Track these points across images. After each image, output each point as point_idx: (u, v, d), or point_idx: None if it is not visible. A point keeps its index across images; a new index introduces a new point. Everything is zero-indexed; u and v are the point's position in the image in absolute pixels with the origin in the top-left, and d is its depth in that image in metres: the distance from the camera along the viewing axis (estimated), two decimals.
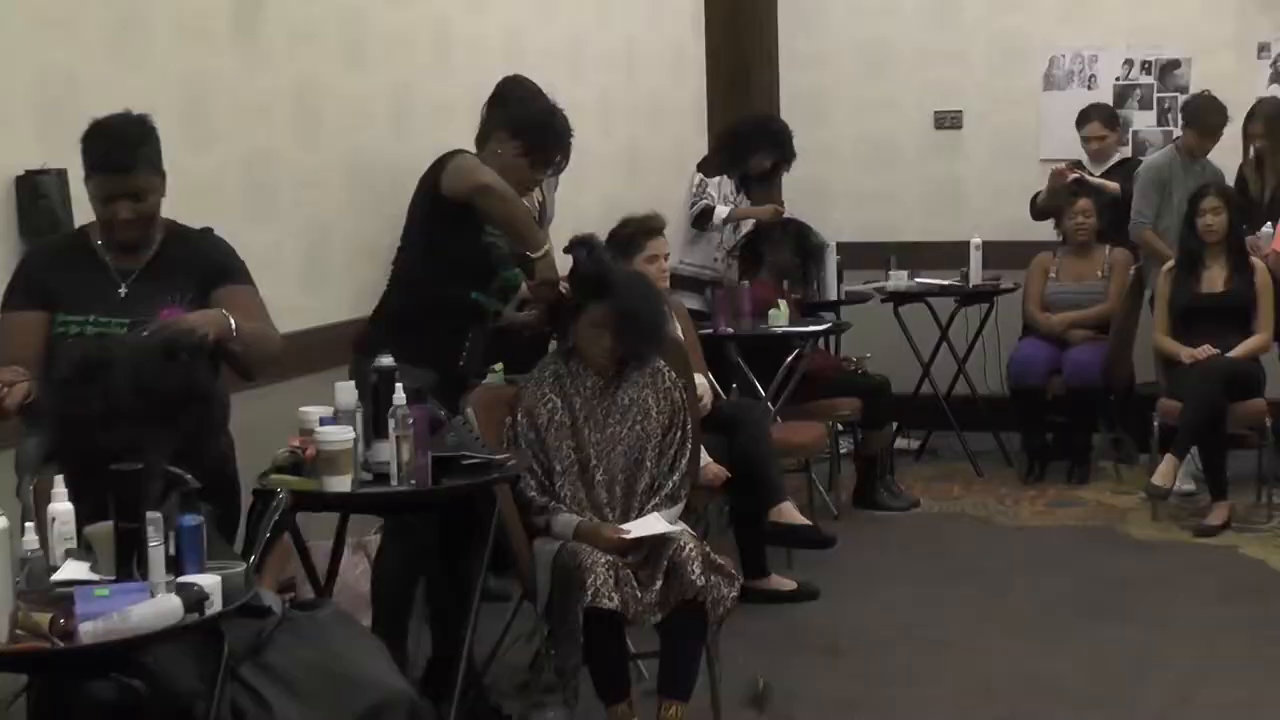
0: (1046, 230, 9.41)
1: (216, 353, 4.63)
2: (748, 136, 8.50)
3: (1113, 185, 9.16)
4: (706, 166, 8.39)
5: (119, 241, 4.69)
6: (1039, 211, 9.42)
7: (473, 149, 6.19)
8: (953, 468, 9.38)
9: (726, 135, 8.51)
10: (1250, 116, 8.92)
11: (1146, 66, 10.00)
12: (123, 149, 4.63)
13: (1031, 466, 9.15)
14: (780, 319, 7.98)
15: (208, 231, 4.85)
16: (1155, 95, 10.01)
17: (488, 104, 6.29)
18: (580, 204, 7.09)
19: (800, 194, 8.99)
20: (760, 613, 6.53)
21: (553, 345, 5.94)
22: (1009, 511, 8.60)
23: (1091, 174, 9.29)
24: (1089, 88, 9.99)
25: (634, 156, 8.34)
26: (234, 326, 4.51)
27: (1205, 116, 8.95)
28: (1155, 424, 8.41)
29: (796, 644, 6.50)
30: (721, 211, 8.23)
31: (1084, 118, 9.44)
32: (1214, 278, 8.44)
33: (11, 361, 4.46)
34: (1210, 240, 8.37)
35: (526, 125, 6.01)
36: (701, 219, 8.14)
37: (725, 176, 8.36)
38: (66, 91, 5.51)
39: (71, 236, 4.93)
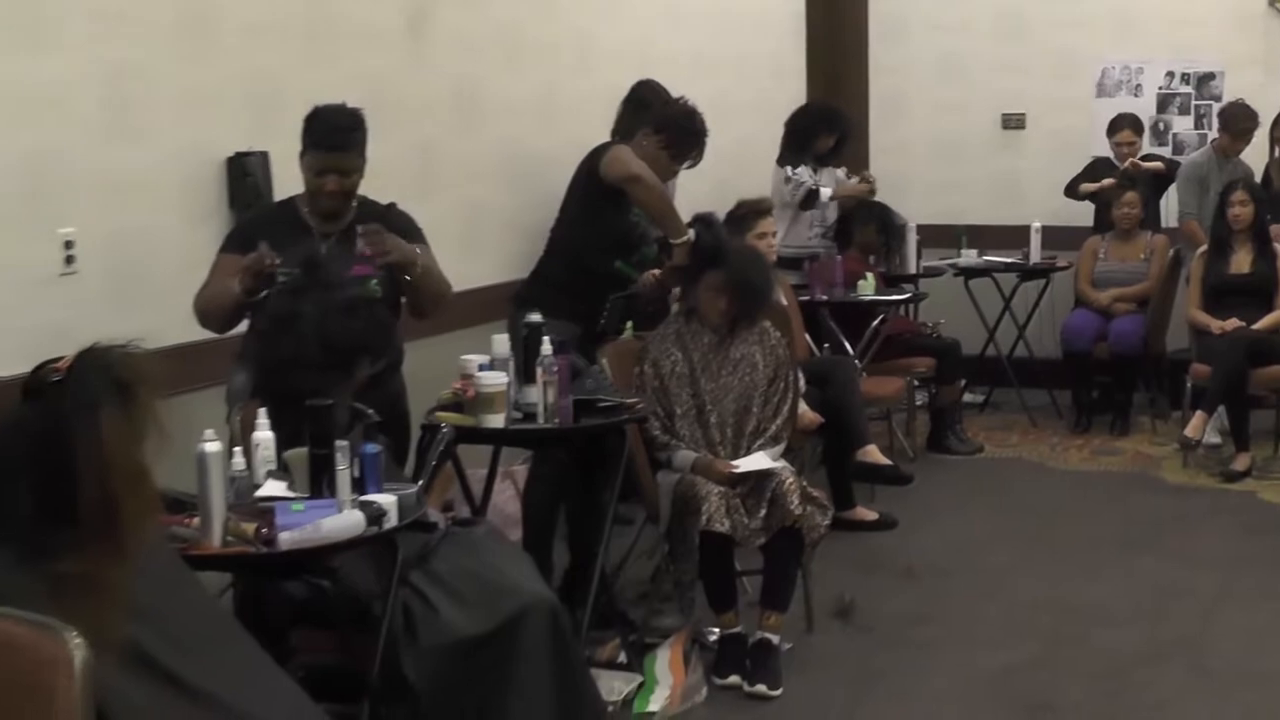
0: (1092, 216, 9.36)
1: (397, 304, 4.69)
2: (807, 124, 8.41)
3: (1158, 165, 9.13)
4: (783, 160, 8.34)
5: (323, 209, 4.76)
6: (1071, 190, 9.38)
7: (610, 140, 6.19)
8: (1011, 419, 9.32)
9: (789, 129, 8.42)
10: (1276, 123, 8.88)
11: (1186, 78, 9.87)
12: (340, 133, 4.75)
13: (1079, 419, 9.08)
14: (867, 289, 7.94)
15: (392, 205, 4.90)
16: (1193, 103, 9.89)
17: (625, 102, 6.29)
18: (695, 189, 7.07)
19: (885, 182, 8.91)
20: (846, 539, 6.50)
21: (674, 307, 5.95)
22: (1059, 457, 8.54)
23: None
24: (1135, 95, 9.88)
25: (743, 149, 8.30)
26: (417, 256, 4.64)
27: (1238, 122, 8.90)
28: (1187, 385, 8.35)
29: (876, 566, 6.48)
30: (826, 191, 8.19)
31: (1116, 125, 9.33)
32: (1241, 261, 8.38)
33: (212, 293, 4.66)
34: (1238, 228, 8.32)
35: (669, 124, 6.01)
36: (808, 200, 8.08)
37: (802, 168, 8.32)
38: (270, 87, 5.57)
39: (282, 204, 5.00)
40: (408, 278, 4.69)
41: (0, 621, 2.59)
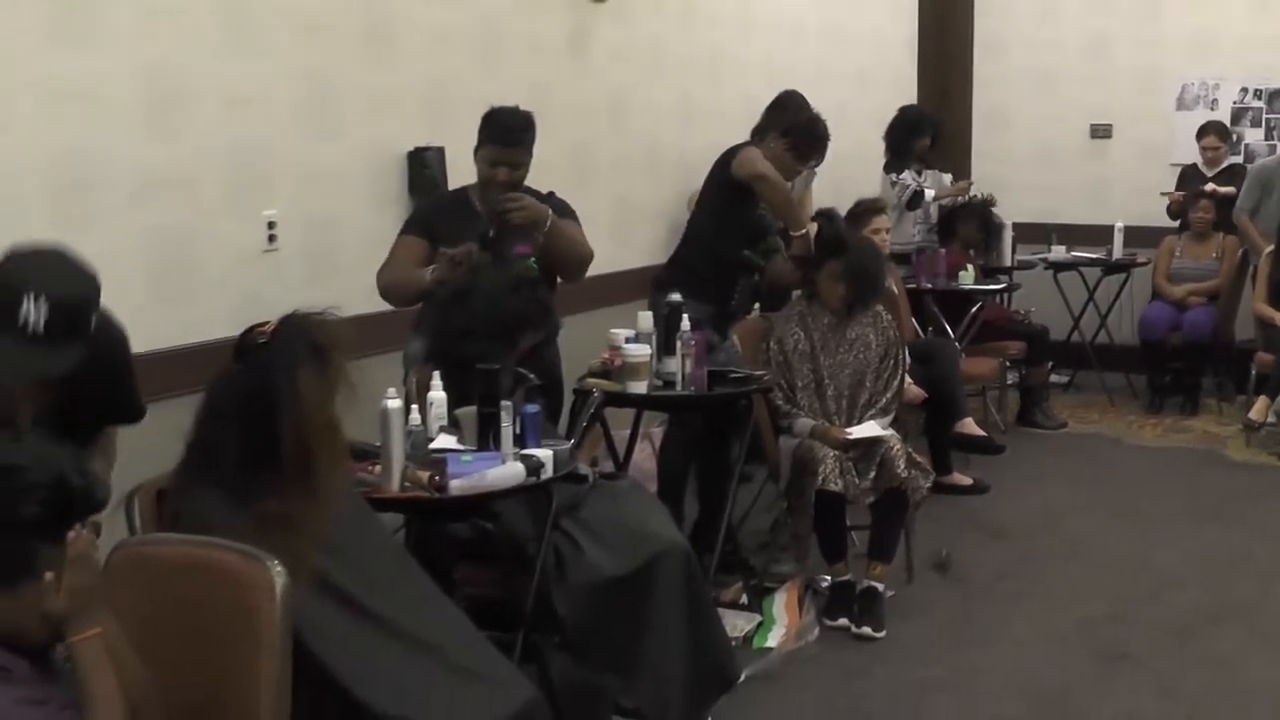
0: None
1: (553, 281, 4.70)
2: (903, 131, 8.31)
3: (1228, 190, 8.91)
4: (889, 167, 8.26)
5: (491, 200, 4.77)
6: (1172, 214, 9.20)
7: (744, 139, 6.15)
8: (1092, 399, 9.16)
9: (888, 138, 8.33)
10: None
11: (1259, 93, 9.63)
12: (513, 131, 4.77)
13: (1153, 400, 8.90)
14: (967, 279, 7.85)
15: (551, 193, 4.91)
16: (1264, 116, 9.65)
17: (769, 107, 6.24)
18: (817, 188, 7.03)
19: (986, 185, 8.83)
20: (944, 501, 6.43)
21: (795, 293, 5.92)
22: (1134, 434, 8.37)
23: (1206, 174, 9.03)
24: (1211, 109, 9.65)
25: (861, 154, 8.21)
26: (549, 219, 4.65)
27: None
28: (1252, 372, 8.16)
29: (970, 526, 6.40)
30: (929, 193, 8.10)
31: (1203, 131, 9.14)
32: None
33: (397, 269, 4.69)
34: None
35: (796, 129, 5.96)
36: (914, 201, 7.99)
37: (907, 173, 8.23)
38: (446, 91, 5.61)
39: (455, 193, 5.02)
40: (540, 237, 4.70)
41: (215, 552, 2.63)
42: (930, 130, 8.32)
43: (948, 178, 8.50)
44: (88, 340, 2.92)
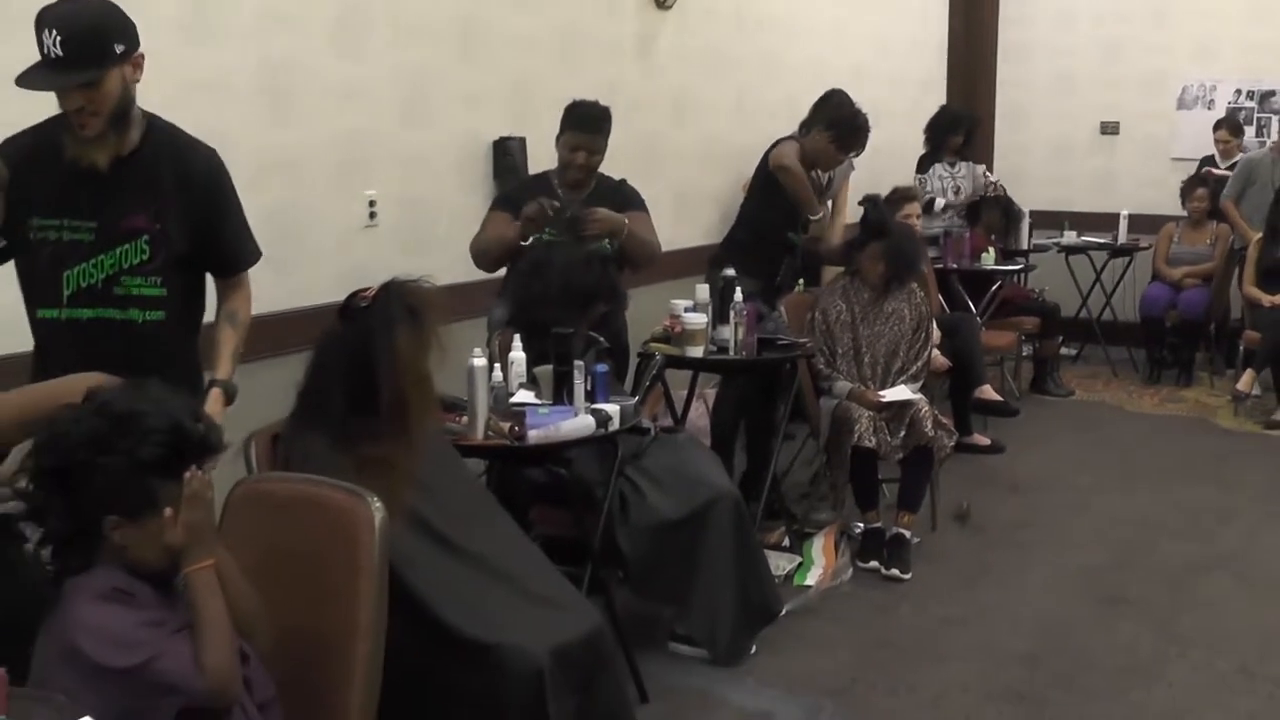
0: (1172, 208, 8.96)
1: (622, 256, 4.67)
2: (942, 127, 8.20)
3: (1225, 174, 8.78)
4: (921, 168, 8.16)
5: (571, 180, 4.77)
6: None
7: (792, 131, 6.08)
8: (1097, 370, 9.04)
9: (928, 134, 8.23)
10: None
11: (1251, 94, 9.49)
12: (593, 120, 4.77)
13: (1152, 372, 8.77)
14: (989, 260, 7.75)
15: (623, 181, 4.87)
16: (1255, 115, 9.49)
17: (815, 103, 6.16)
18: (856, 177, 6.95)
19: (1007, 176, 8.71)
20: (964, 459, 6.37)
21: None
22: (1135, 402, 8.25)
23: (1220, 167, 8.88)
24: (1209, 109, 9.48)
25: (896, 146, 8.10)
26: (626, 227, 4.61)
27: None
28: (1241, 348, 8.03)
29: (988, 481, 6.32)
30: (940, 201, 7.94)
31: (1217, 126, 9.03)
32: None
33: (489, 239, 4.67)
34: None
35: (838, 122, 5.89)
36: (928, 207, 7.82)
37: (937, 166, 8.12)
38: (526, 87, 5.59)
39: (537, 177, 5.00)
40: (618, 242, 4.68)
41: (322, 489, 2.63)
42: (965, 128, 8.23)
43: (981, 168, 8.38)
44: (108, 61, 2.90)
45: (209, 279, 3.33)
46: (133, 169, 3.04)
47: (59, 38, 2.81)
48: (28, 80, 2.85)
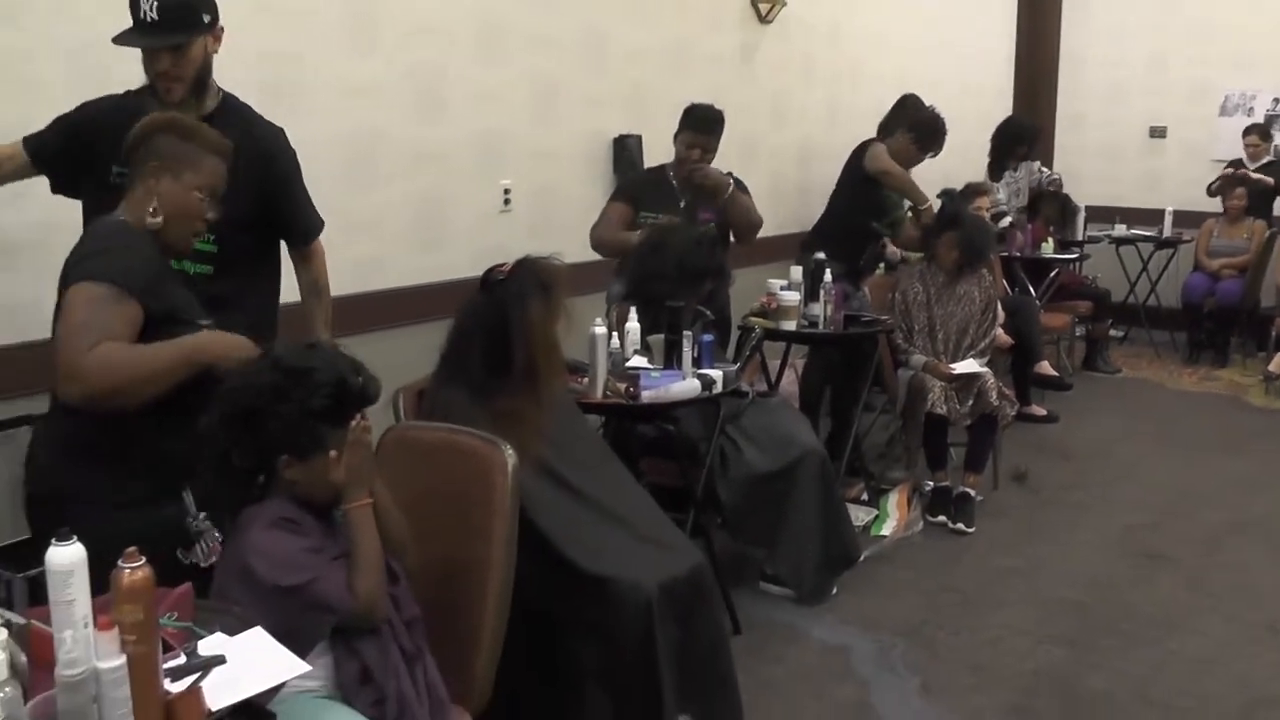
0: (1213, 205, 8.68)
1: (727, 239, 4.62)
2: (1007, 138, 7.97)
3: (1268, 180, 8.47)
4: (991, 170, 7.96)
5: (684, 174, 4.70)
6: (1211, 193, 8.76)
7: (873, 133, 5.97)
8: (1142, 350, 8.80)
9: (994, 143, 8.02)
10: None
11: None
12: (708, 121, 4.75)
13: (1191, 353, 8.54)
14: (1048, 250, 7.56)
15: (730, 173, 4.81)
16: None
17: (894, 107, 6.04)
18: (930, 176, 6.80)
19: (1064, 176, 8.46)
20: (1023, 427, 6.22)
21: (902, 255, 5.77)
22: (1175, 380, 8.01)
23: (1249, 169, 8.58)
24: (1248, 115, 9.14)
25: (966, 148, 7.87)
26: (730, 188, 4.61)
27: None
28: (1273, 333, 7.83)
29: (1043, 448, 6.18)
30: (1006, 220, 7.54)
31: (1248, 132, 8.72)
32: None
33: (607, 228, 4.65)
34: None
35: (920, 125, 5.77)
36: (1000, 235, 7.54)
37: (1009, 173, 7.92)
38: (643, 92, 5.55)
39: (653, 170, 4.96)
40: (722, 203, 4.62)
41: (462, 437, 2.63)
42: (1028, 140, 8.00)
43: (1037, 164, 8.17)
44: (197, 28, 2.84)
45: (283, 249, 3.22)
46: None
47: (156, 3, 2.76)
48: (124, 39, 2.80)
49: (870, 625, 4.08)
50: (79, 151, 2.89)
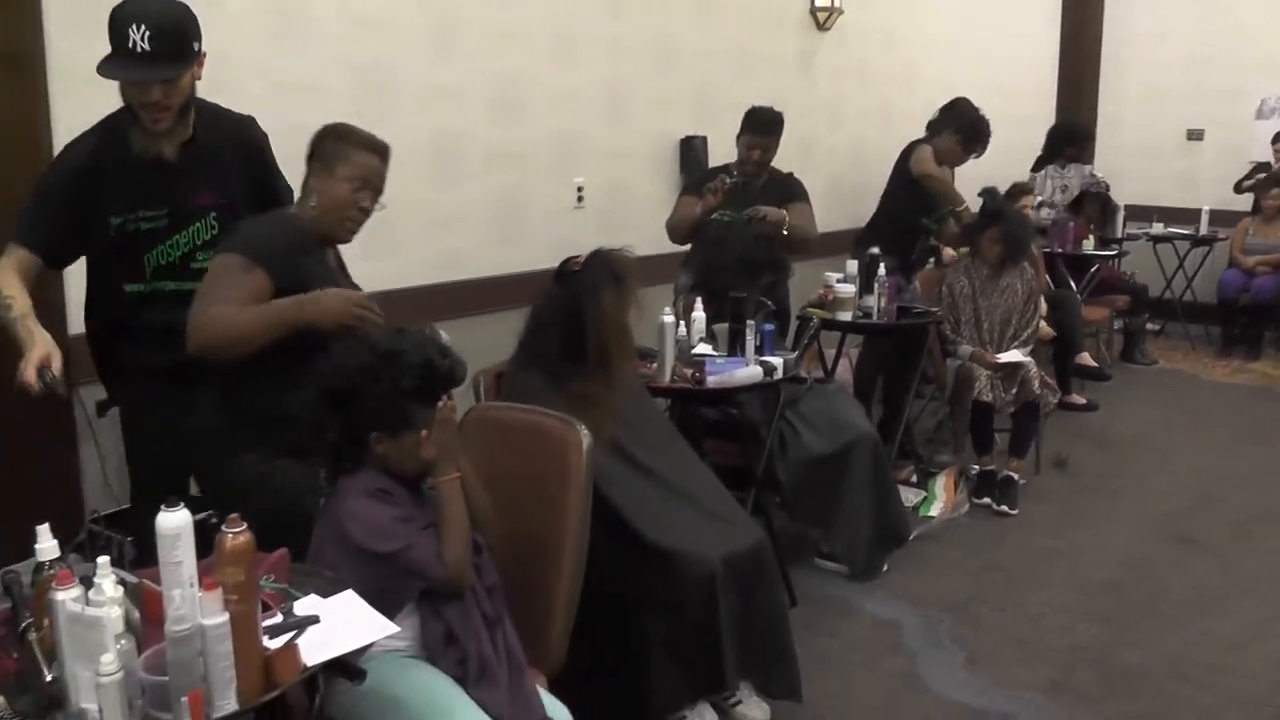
0: (1247, 204, 8.49)
1: (785, 238, 4.58)
2: (1057, 139, 7.84)
3: None
4: (1037, 166, 7.83)
5: (747, 173, 4.67)
6: (1239, 190, 8.56)
7: (923, 133, 5.87)
8: (1178, 343, 8.60)
9: (1048, 141, 7.89)
10: None
11: None
12: (768, 123, 4.68)
13: (1224, 347, 8.34)
14: (1088, 246, 7.43)
15: (790, 174, 4.77)
16: None
17: (942, 109, 5.94)
18: (976, 175, 6.70)
19: (1107, 175, 8.30)
20: (1064, 415, 6.11)
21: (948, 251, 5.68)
22: (1209, 372, 7.82)
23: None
24: None
25: (1010, 149, 7.76)
26: (786, 222, 4.49)
27: None
28: None
29: (1083, 435, 6.05)
30: (1046, 213, 7.53)
31: (1277, 139, 8.48)
32: None
33: (680, 218, 4.61)
34: None
35: (966, 127, 5.67)
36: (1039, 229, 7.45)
37: (1049, 168, 7.77)
38: (708, 94, 5.52)
39: (719, 168, 4.90)
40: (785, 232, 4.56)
41: (539, 417, 2.62)
42: (1078, 142, 7.87)
43: (1089, 168, 8.03)
44: (188, 59, 2.60)
45: None
46: (195, 152, 2.73)
47: (148, 33, 2.49)
48: (111, 71, 2.52)
49: (919, 601, 4.02)
50: (84, 207, 2.68)
